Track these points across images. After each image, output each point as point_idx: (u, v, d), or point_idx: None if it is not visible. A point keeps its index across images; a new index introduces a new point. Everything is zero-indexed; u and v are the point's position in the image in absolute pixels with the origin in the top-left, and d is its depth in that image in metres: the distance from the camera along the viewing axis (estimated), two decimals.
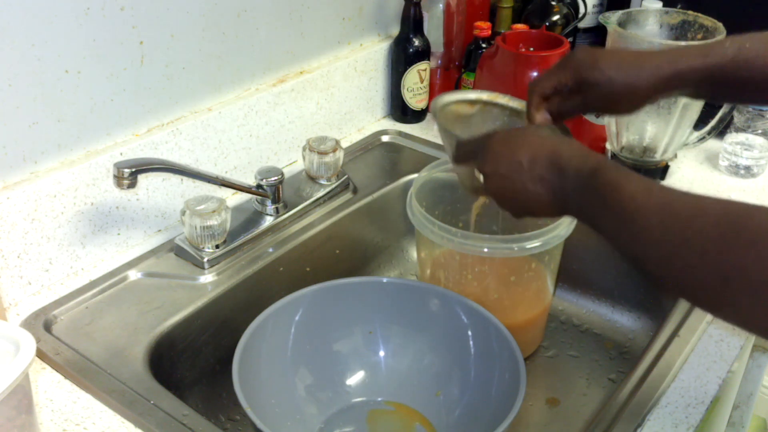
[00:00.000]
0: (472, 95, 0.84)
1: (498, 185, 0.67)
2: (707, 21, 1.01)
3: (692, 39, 1.03)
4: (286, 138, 1.11)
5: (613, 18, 1.04)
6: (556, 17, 1.31)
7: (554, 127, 0.77)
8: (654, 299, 1.01)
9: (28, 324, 0.81)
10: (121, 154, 0.89)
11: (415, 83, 1.25)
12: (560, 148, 0.63)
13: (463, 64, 1.29)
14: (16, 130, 0.80)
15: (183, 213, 0.89)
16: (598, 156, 0.62)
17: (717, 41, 0.73)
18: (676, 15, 1.05)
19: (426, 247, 0.95)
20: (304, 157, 1.05)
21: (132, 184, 0.80)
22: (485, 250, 0.83)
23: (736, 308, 0.49)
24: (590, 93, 0.73)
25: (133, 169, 0.80)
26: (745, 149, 1.12)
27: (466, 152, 0.72)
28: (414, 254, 1.14)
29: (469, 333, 0.82)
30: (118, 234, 0.92)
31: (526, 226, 0.85)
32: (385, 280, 0.88)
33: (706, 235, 0.49)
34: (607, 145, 1.14)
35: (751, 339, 0.94)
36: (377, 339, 0.87)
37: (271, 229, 0.98)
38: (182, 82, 0.95)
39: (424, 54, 1.23)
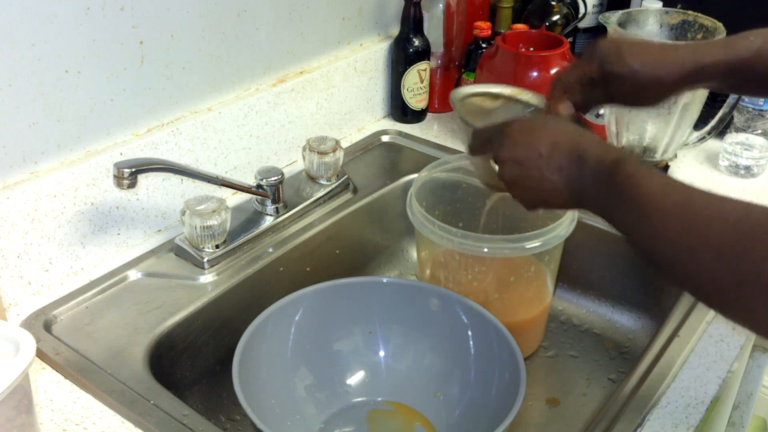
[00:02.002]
0: (495, 89, 0.82)
1: (514, 172, 0.65)
2: (707, 21, 1.01)
3: (692, 39, 1.03)
4: (286, 138, 1.11)
5: (613, 18, 1.04)
6: (556, 17, 1.31)
7: (575, 121, 0.76)
8: (654, 299, 1.01)
9: (28, 324, 0.81)
10: (121, 154, 0.89)
11: (415, 83, 1.25)
12: (581, 139, 0.62)
13: (463, 64, 1.29)
14: (16, 130, 0.80)
15: (183, 213, 0.89)
16: (619, 149, 0.61)
17: (741, 35, 0.73)
18: (676, 15, 1.05)
19: (426, 247, 0.95)
20: (304, 157, 1.05)
21: (132, 184, 0.80)
22: (485, 250, 0.83)
23: (748, 312, 0.49)
24: (615, 85, 0.72)
25: (133, 169, 0.80)
26: (745, 149, 1.12)
27: (482, 140, 0.70)
28: (414, 254, 1.13)
29: (469, 333, 0.82)
30: (118, 234, 0.92)
31: (527, 225, 0.85)
32: (385, 280, 0.88)
33: (724, 237, 0.49)
34: None
35: (751, 339, 0.94)
36: (377, 339, 0.87)
37: (271, 229, 0.98)
38: (182, 82, 0.95)
39: (424, 54, 1.23)
